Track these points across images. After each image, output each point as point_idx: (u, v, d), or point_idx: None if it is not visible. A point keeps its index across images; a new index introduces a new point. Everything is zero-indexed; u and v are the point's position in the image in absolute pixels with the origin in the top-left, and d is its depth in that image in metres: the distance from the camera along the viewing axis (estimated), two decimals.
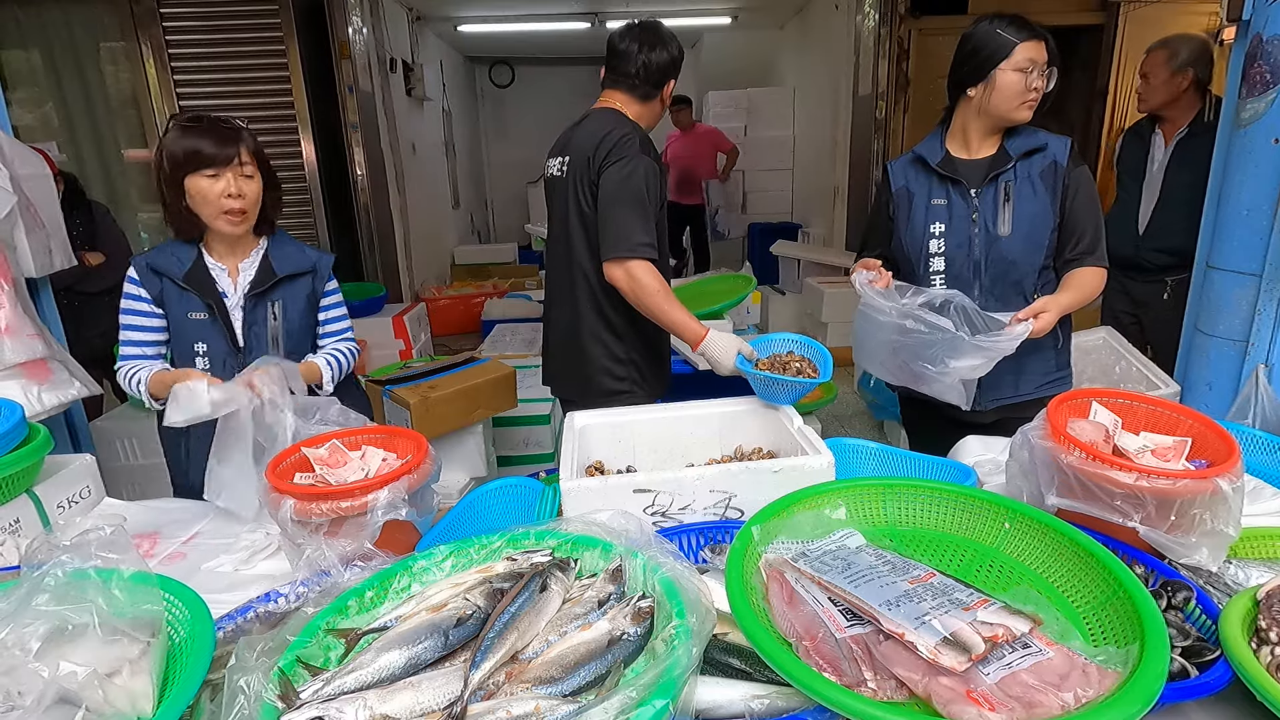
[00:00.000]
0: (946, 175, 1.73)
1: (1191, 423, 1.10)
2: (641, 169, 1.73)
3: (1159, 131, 2.69)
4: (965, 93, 1.74)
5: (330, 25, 4.70)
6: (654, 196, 1.75)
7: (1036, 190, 1.68)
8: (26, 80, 4.51)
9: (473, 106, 8.95)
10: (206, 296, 1.57)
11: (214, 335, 1.58)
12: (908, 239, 1.77)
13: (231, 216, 1.54)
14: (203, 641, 0.82)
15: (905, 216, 1.77)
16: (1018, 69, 1.65)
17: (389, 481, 1.10)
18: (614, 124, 1.79)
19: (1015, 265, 1.69)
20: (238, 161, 1.53)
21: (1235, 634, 0.79)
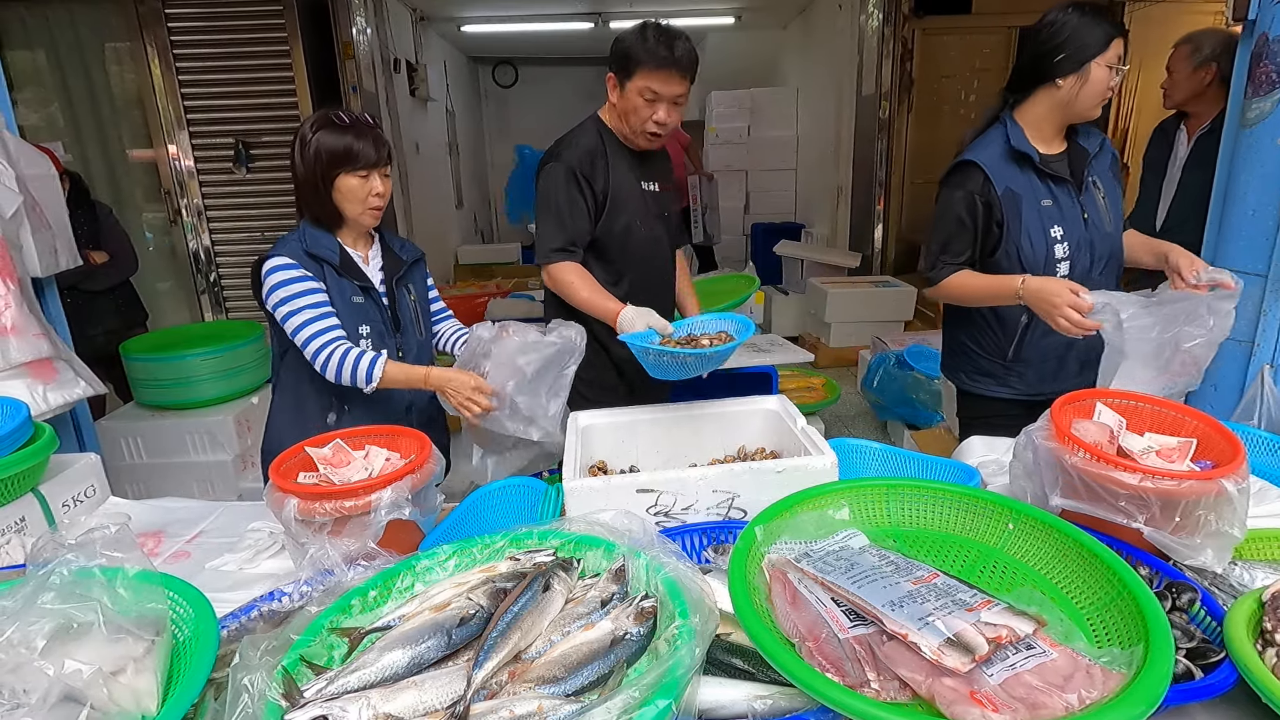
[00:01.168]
0: (1048, 173, 1.66)
1: (1196, 423, 1.10)
2: (546, 175, 1.80)
3: (1184, 128, 2.67)
4: (1055, 83, 1.62)
5: (334, 26, 4.72)
6: (566, 196, 1.77)
7: (1111, 183, 1.71)
8: (32, 80, 4.53)
9: (476, 106, 8.96)
10: (361, 281, 1.64)
11: (374, 317, 1.65)
12: (1026, 245, 1.65)
13: (375, 213, 1.63)
14: (207, 640, 0.82)
15: (1018, 221, 1.64)
16: (1109, 64, 1.60)
17: (392, 481, 1.10)
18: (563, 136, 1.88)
19: (1116, 258, 1.71)
20: (385, 163, 1.60)
21: (1240, 636, 0.79)
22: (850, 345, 4.76)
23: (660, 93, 1.69)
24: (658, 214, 1.93)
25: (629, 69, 1.70)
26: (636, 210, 1.87)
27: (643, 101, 1.71)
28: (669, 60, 1.66)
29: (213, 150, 4.69)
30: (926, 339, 3.89)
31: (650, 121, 1.74)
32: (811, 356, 3.27)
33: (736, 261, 6.82)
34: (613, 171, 1.82)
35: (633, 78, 1.70)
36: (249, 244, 4.91)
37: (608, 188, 1.81)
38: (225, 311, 4.99)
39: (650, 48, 1.66)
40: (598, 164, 1.80)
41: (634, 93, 1.71)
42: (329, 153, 1.54)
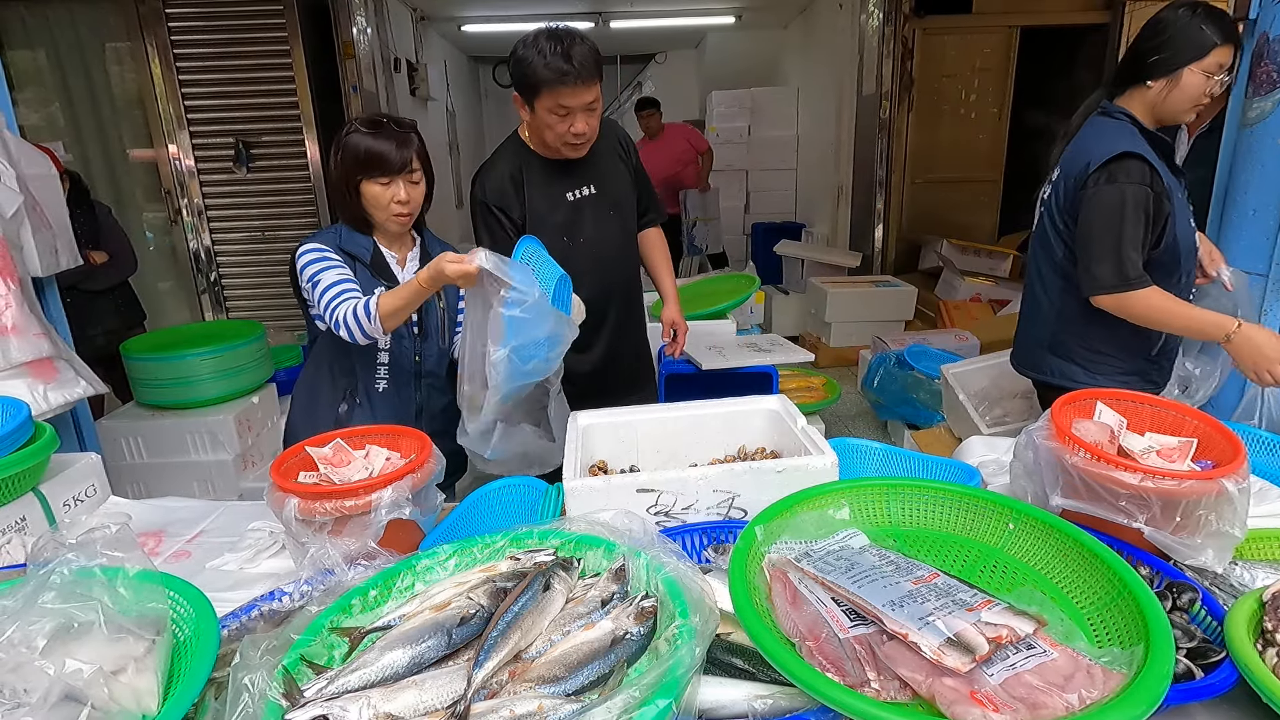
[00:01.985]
0: (1176, 169, 1.63)
1: (1197, 423, 1.10)
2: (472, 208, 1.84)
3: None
4: (1145, 84, 1.59)
5: (335, 25, 4.72)
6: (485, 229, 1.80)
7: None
8: (33, 80, 4.53)
9: (476, 106, 8.96)
10: (390, 283, 1.62)
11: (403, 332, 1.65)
12: (1183, 240, 1.61)
13: (400, 219, 1.61)
14: (207, 639, 0.82)
15: (1173, 216, 1.59)
16: (1206, 72, 1.53)
17: (392, 480, 1.10)
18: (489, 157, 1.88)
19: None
20: (409, 169, 1.57)
21: (1241, 636, 0.79)
22: (850, 345, 4.76)
23: (570, 105, 1.65)
24: (596, 219, 1.89)
25: (534, 89, 1.65)
26: (564, 225, 1.84)
27: (556, 118, 1.67)
28: (570, 73, 1.60)
29: (213, 150, 4.69)
30: (927, 339, 3.89)
31: (569, 134, 1.70)
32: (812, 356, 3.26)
33: (737, 261, 6.82)
34: (530, 195, 1.80)
35: (539, 97, 1.66)
36: (249, 244, 4.91)
37: (524, 212, 1.80)
38: (225, 311, 4.99)
39: (550, 63, 1.60)
40: (509, 192, 1.79)
41: (544, 111, 1.68)
42: (352, 157, 1.54)
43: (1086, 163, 1.59)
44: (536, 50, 1.61)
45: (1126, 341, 1.69)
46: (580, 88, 1.62)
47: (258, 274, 4.97)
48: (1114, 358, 1.71)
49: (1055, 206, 1.71)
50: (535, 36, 1.64)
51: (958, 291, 4.97)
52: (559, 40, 1.61)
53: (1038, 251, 1.81)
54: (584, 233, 1.87)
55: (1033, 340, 1.84)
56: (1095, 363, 1.73)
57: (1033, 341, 1.84)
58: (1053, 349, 1.78)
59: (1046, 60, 5.64)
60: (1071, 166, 1.66)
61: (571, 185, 1.85)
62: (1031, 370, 1.86)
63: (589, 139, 1.74)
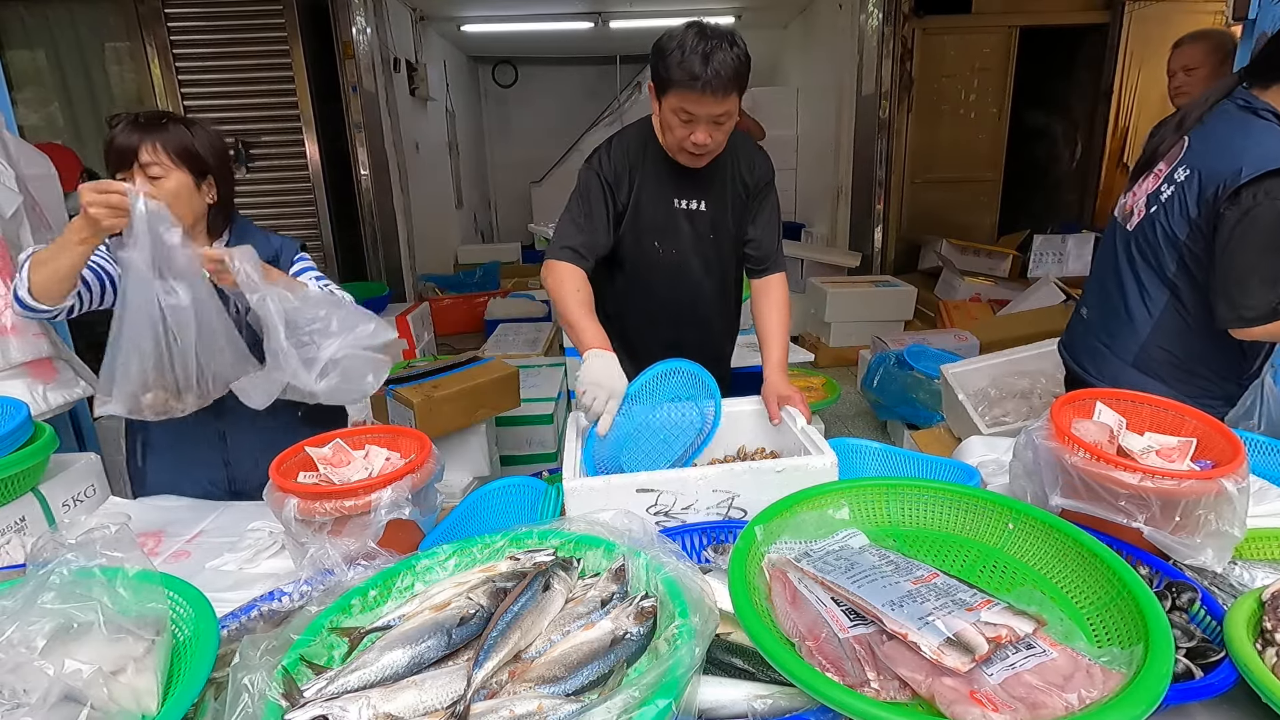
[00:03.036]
0: None
1: (1196, 423, 1.10)
2: (581, 174, 1.69)
3: None
4: None
5: (334, 25, 4.71)
6: (588, 201, 1.65)
7: None
8: (32, 80, 4.53)
9: (476, 106, 8.95)
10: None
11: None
12: None
13: None
14: (207, 640, 0.82)
15: None
16: None
17: (392, 481, 1.10)
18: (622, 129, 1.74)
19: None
20: (137, 164, 1.37)
21: (1240, 635, 0.79)
22: (850, 345, 4.76)
23: (695, 113, 1.49)
24: (695, 236, 1.73)
25: (663, 85, 1.51)
26: (660, 230, 1.71)
27: (678, 121, 1.52)
28: (702, 79, 1.43)
29: None
30: (926, 339, 3.89)
31: (688, 142, 1.53)
32: (811, 356, 3.26)
33: None
34: (641, 186, 1.67)
35: (666, 95, 1.50)
36: None
37: (630, 201, 1.67)
38: None
39: (685, 63, 1.44)
40: (624, 175, 1.65)
41: (668, 111, 1.53)
42: (105, 154, 1.40)
43: (1238, 169, 1.39)
44: (677, 44, 1.46)
45: (1230, 366, 1.56)
46: (709, 97, 1.45)
47: None
48: (1208, 380, 1.57)
49: (1177, 212, 1.49)
50: (684, 30, 1.48)
51: (957, 291, 4.97)
52: (704, 39, 1.45)
53: (1134, 257, 1.61)
54: (677, 245, 1.73)
55: (1111, 353, 1.66)
56: (1184, 382, 1.57)
57: (1110, 354, 1.66)
58: (1139, 365, 1.61)
59: (1046, 60, 5.65)
60: (1213, 169, 1.44)
61: (682, 193, 1.70)
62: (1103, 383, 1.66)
63: (711, 152, 1.58)
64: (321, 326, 1.34)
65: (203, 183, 1.46)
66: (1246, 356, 1.56)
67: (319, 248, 4.92)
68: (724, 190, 1.72)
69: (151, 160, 1.38)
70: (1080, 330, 1.80)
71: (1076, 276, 4.64)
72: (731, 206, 1.74)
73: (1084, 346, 1.76)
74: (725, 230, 1.75)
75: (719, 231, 1.75)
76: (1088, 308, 1.78)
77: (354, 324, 1.37)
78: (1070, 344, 1.83)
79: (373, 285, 4.86)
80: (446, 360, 2.92)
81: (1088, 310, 1.77)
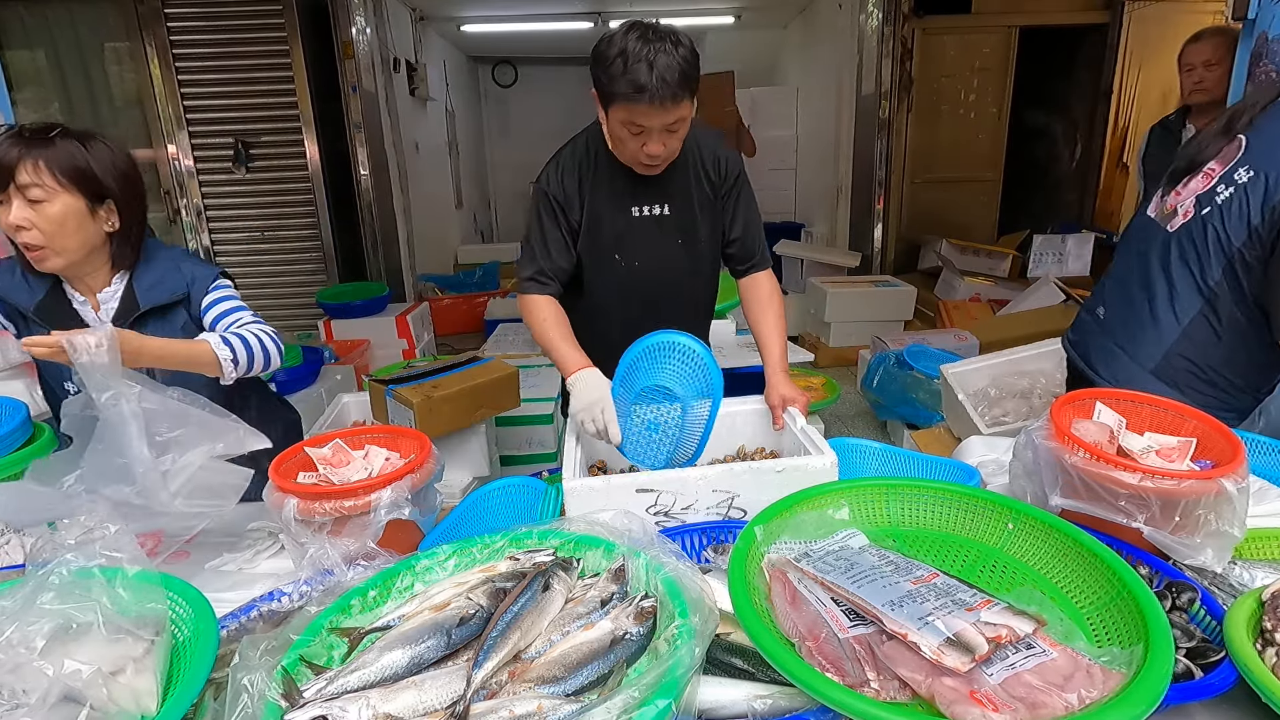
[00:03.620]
0: None
1: (1196, 423, 1.10)
2: (532, 196, 1.61)
3: (1190, 126, 2.59)
4: None
5: (334, 25, 4.71)
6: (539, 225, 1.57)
7: None
8: (32, 80, 4.53)
9: (476, 106, 8.95)
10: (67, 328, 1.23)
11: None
12: None
13: (31, 254, 1.26)
14: (206, 640, 0.82)
15: None
16: None
17: (392, 481, 1.10)
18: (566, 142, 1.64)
19: None
20: (14, 184, 1.20)
21: (1240, 635, 0.79)
22: (850, 345, 4.76)
23: (646, 125, 1.38)
24: (660, 243, 1.64)
25: (605, 97, 1.39)
26: (619, 241, 1.61)
27: (628, 134, 1.41)
28: (648, 91, 1.31)
29: (212, 150, 4.69)
30: (926, 338, 3.89)
31: (641, 154, 1.44)
32: (811, 356, 3.26)
33: None
34: (591, 198, 1.57)
35: (612, 106, 1.39)
36: (249, 244, 4.90)
37: (582, 217, 1.58)
38: None
39: (628, 74, 1.31)
40: (574, 190, 1.56)
41: (617, 123, 1.41)
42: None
43: None
44: (618, 52, 1.33)
45: (1253, 380, 1.50)
46: (658, 108, 1.34)
47: (257, 274, 4.97)
48: (1226, 393, 1.51)
49: (1236, 215, 1.42)
50: (624, 34, 1.35)
51: (957, 291, 4.97)
52: (646, 42, 1.32)
53: (1170, 261, 1.52)
54: (639, 256, 1.63)
55: (1129, 357, 1.58)
56: (1201, 392, 1.51)
57: (1128, 358, 1.59)
58: (1159, 373, 1.53)
59: (1046, 60, 5.64)
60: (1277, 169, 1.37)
61: (640, 200, 1.59)
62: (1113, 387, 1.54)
63: (666, 159, 1.49)
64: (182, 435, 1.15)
65: (99, 208, 1.29)
66: (1273, 371, 1.50)
67: (319, 248, 4.92)
68: (688, 190, 1.61)
69: (32, 181, 1.20)
70: (1094, 330, 1.71)
71: (1076, 276, 4.63)
72: (700, 207, 1.64)
73: (1097, 347, 1.68)
74: (695, 234, 1.66)
75: (688, 235, 1.65)
76: (1105, 308, 1.69)
77: (217, 432, 1.18)
78: (1080, 343, 1.75)
79: (372, 285, 4.86)
80: (446, 360, 2.92)
81: (1105, 311, 1.69)
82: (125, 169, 1.34)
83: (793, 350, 3.15)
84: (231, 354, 1.32)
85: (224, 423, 1.18)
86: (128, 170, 1.34)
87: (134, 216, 1.37)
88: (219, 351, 1.31)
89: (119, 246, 1.36)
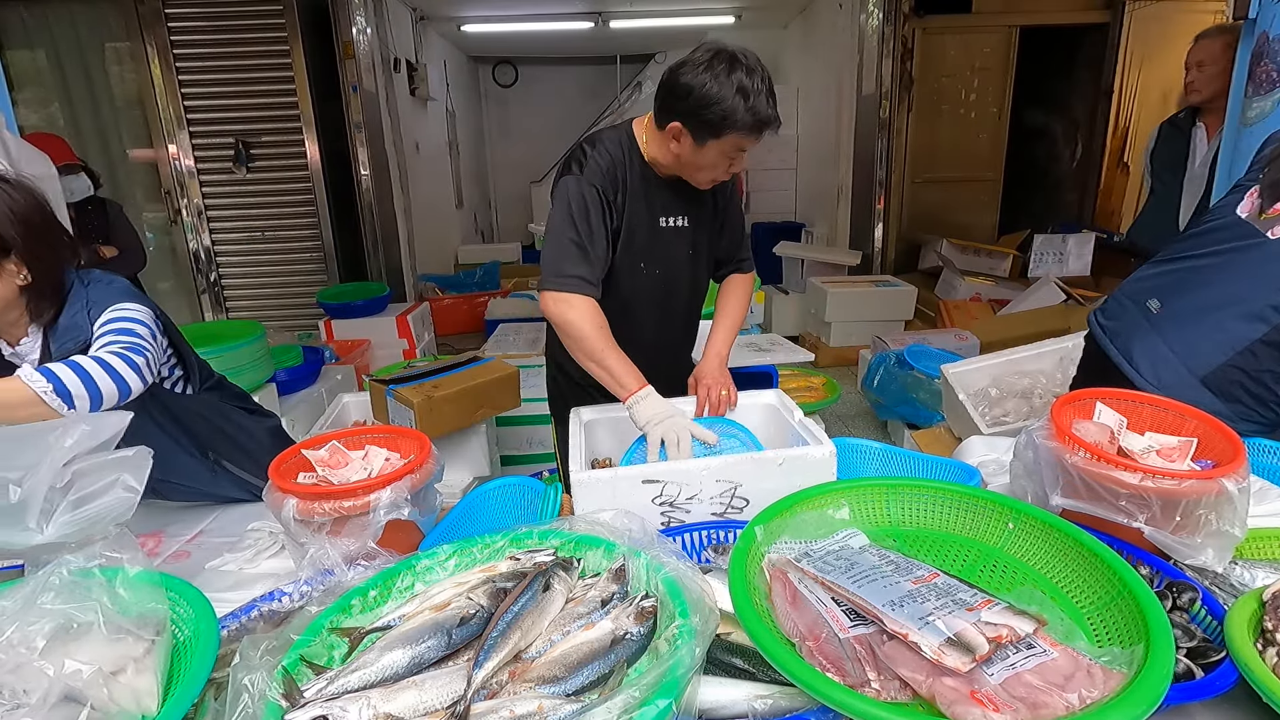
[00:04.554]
0: None
1: (1197, 423, 1.10)
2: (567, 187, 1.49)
3: (1200, 125, 2.59)
4: None
5: (334, 25, 4.72)
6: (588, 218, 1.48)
7: None
8: (32, 80, 4.53)
9: (476, 106, 8.95)
10: None
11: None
12: None
13: None
14: (207, 640, 0.82)
15: None
16: None
17: (391, 481, 1.10)
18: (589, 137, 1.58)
19: None
20: None
21: (1241, 635, 0.79)
22: (850, 345, 4.76)
23: (748, 148, 1.43)
24: (678, 255, 1.64)
25: (717, 129, 1.38)
26: (646, 251, 1.60)
27: (724, 159, 1.44)
28: (773, 121, 1.38)
29: (213, 150, 4.69)
30: (926, 338, 3.89)
31: (724, 174, 1.49)
32: (812, 356, 3.26)
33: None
34: (629, 206, 1.55)
35: (722, 137, 1.39)
36: (249, 244, 4.91)
37: (621, 223, 1.55)
38: (225, 311, 4.99)
39: (752, 108, 1.34)
40: (614, 190, 1.52)
41: (716, 152, 1.42)
42: None
43: None
44: (736, 90, 1.33)
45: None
46: (770, 132, 1.41)
47: (257, 274, 4.97)
48: (1269, 406, 1.44)
49: None
50: (728, 69, 1.34)
51: (957, 291, 4.97)
52: (751, 75, 1.34)
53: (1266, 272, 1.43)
54: (660, 265, 1.63)
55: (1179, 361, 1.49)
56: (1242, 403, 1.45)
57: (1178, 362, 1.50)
58: (1210, 384, 1.46)
59: (1046, 60, 5.64)
60: None
61: (667, 211, 1.59)
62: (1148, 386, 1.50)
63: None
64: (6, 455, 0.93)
65: (5, 263, 1.17)
66: None
67: (319, 248, 4.93)
68: (704, 204, 1.64)
69: None
70: (1141, 324, 1.59)
71: (1077, 276, 4.63)
72: (710, 221, 1.68)
73: (1143, 343, 1.57)
74: (702, 247, 1.69)
75: (698, 248, 1.68)
76: (1161, 302, 1.57)
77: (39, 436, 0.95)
78: (1121, 335, 1.62)
79: (373, 285, 4.86)
80: (446, 360, 2.92)
81: (1161, 306, 1.57)
82: (26, 214, 1.19)
83: (793, 350, 3.15)
84: (51, 384, 1.11)
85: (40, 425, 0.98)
86: (29, 215, 1.20)
87: (45, 267, 1.23)
88: (32, 384, 1.10)
89: (33, 301, 1.24)
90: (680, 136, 1.43)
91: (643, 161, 1.55)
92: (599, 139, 1.55)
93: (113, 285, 1.35)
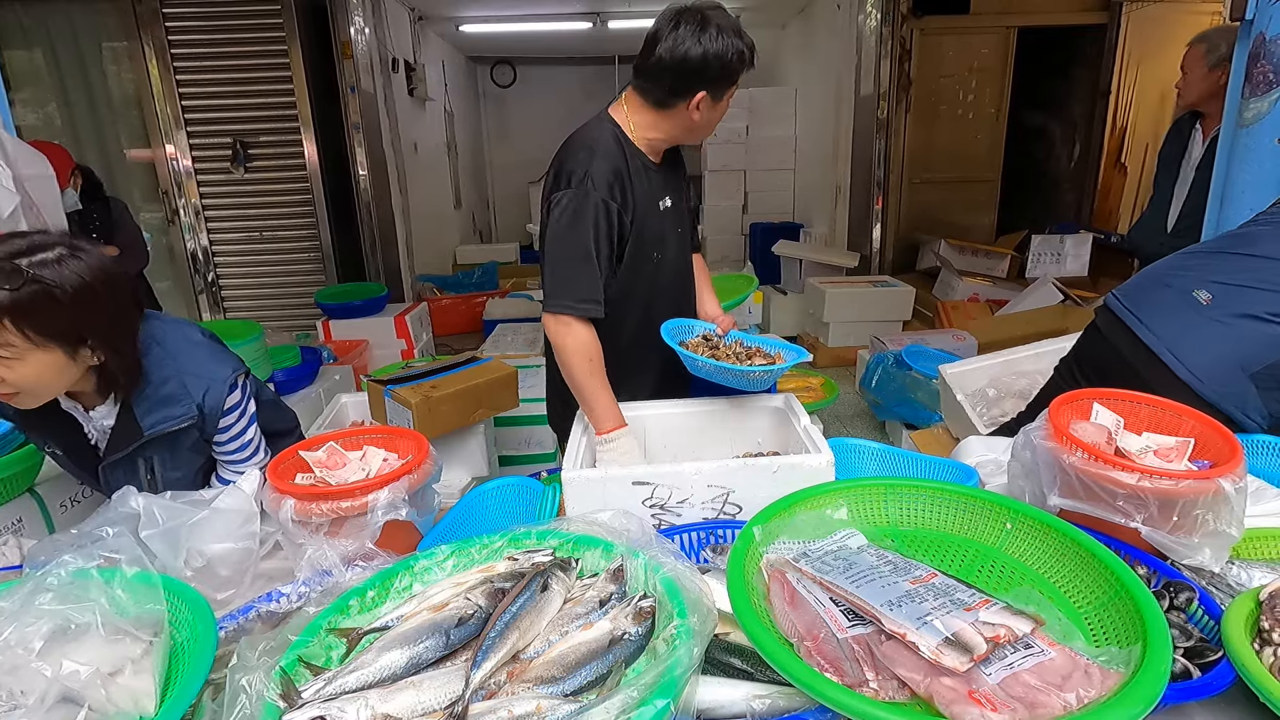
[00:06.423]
0: None
1: (1194, 423, 1.10)
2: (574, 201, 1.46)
3: (1199, 127, 2.65)
4: None
5: (332, 25, 4.71)
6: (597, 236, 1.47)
7: None
8: (30, 80, 4.53)
9: (475, 106, 8.95)
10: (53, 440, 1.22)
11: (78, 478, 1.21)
12: None
13: (2, 397, 1.12)
14: (205, 641, 0.82)
15: None
16: None
17: (389, 481, 1.10)
18: (579, 141, 1.53)
19: None
20: None
21: (1238, 635, 0.79)
22: (849, 345, 4.76)
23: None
24: (671, 233, 1.65)
25: (734, 75, 1.49)
26: (657, 238, 1.61)
27: (724, 107, 1.56)
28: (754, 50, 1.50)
29: (211, 150, 4.69)
30: (925, 338, 3.89)
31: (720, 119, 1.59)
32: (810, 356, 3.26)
33: (735, 261, 6.82)
34: (636, 200, 1.53)
35: (735, 81, 1.51)
36: (247, 244, 4.90)
37: (631, 218, 1.53)
38: (223, 311, 4.99)
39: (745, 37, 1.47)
40: (619, 193, 1.50)
41: (726, 103, 1.54)
42: None
43: None
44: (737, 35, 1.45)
45: None
46: None
47: (255, 274, 4.97)
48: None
49: None
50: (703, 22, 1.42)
51: (955, 291, 4.98)
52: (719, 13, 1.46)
53: None
54: (667, 250, 1.64)
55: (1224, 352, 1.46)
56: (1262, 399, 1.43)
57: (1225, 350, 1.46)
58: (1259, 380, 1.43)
59: (1044, 60, 5.65)
60: None
61: (660, 194, 1.60)
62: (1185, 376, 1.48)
63: None
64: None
65: (80, 349, 1.13)
66: None
67: (317, 248, 4.92)
68: (679, 185, 1.70)
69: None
70: (1188, 313, 1.53)
71: (1074, 276, 4.64)
72: (682, 199, 1.72)
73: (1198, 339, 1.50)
74: (685, 225, 1.73)
75: (683, 226, 1.71)
76: (1211, 293, 1.52)
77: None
78: (1158, 320, 1.55)
79: (371, 285, 4.86)
80: (445, 360, 2.92)
81: (1210, 295, 1.51)
82: (99, 287, 1.12)
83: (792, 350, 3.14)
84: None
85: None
86: (102, 288, 1.12)
87: (119, 342, 1.19)
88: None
89: (105, 380, 1.21)
90: (702, 104, 1.49)
91: (632, 147, 1.55)
92: (594, 145, 1.50)
93: (190, 340, 1.32)
